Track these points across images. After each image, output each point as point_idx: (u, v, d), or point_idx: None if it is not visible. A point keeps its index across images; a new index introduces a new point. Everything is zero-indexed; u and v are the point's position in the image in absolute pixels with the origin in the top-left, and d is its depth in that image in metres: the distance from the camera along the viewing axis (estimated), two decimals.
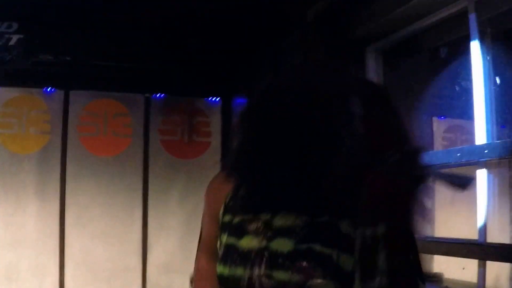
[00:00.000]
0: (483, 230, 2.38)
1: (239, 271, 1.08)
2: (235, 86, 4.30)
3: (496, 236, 2.48)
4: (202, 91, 4.33)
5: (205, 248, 1.24)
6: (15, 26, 4.16)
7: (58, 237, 4.20)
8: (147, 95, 4.36)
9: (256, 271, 1.06)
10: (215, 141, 4.48)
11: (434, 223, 2.78)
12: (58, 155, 4.22)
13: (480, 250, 2.34)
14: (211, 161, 4.34)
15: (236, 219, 1.14)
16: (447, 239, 2.55)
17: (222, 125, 4.50)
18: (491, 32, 2.38)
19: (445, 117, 3.11)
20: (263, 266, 1.05)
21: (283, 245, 1.06)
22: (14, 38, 4.14)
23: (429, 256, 2.72)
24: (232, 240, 1.12)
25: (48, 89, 4.27)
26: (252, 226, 1.10)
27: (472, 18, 2.35)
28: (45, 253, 4.21)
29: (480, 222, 2.40)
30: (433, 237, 2.69)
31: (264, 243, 1.08)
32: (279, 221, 1.07)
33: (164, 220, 4.36)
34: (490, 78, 2.35)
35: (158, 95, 4.32)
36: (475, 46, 2.36)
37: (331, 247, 1.02)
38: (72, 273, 4.22)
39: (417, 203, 1.01)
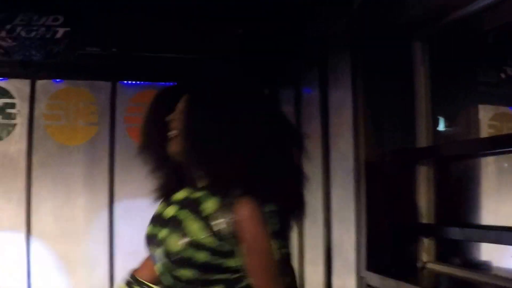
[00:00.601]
0: None
1: (148, 229, 1.71)
2: (283, 77, 4.62)
3: None
4: (251, 81, 4.61)
5: None
6: (61, 19, 4.54)
7: (108, 229, 4.61)
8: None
9: (153, 230, 1.64)
10: None
11: (482, 211, 2.98)
12: (106, 146, 4.62)
13: None
14: None
15: None
16: (495, 227, 2.74)
17: None
18: None
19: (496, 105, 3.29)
20: (155, 226, 1.66)
21: (170, 212, 1.60)
22: (61, 31, 4.53)
23: (477, 244, 2.93)
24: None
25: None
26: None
27: None
28: (95, 245, 4.63)
29: None
30: (481, 225, 2.89)
31: (162, 210, 1.67)
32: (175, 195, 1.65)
33: None
34: None
35: None
36: None
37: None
38: (122, 264, 4.56)
39: None
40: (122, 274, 4.43)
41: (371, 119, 3.36)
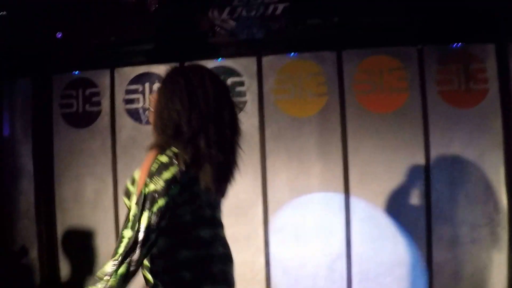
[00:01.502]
0: None
1: None
2: (509, 29, 5.21)
3: None
4: (475, 36, 5.33)
5: None
6: None
7: (343, 197, 5.64)
8: (419, 46, 5.49)
9: None
10: (493, 87, 5.39)
11: None
12: (337, 115, 5.64)
13: None
14: (491, 108, 5.40)
15: None
16: None
17: (498, 70, 5.38)
18: None
19: None
20: None
21: None
22: (280, 7, 5.61)
23: None
24: None
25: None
26: None
27: None
28: (330, 213, 5.67)
29: None
30: None
31: None
32: None
33: (447, 173, 5.43)
34: None
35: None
36: None
37: None
38: (358, 231, 5.62)
39: None
40: (358, 240, 5.53)
41: None
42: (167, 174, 2.42)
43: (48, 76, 6.50)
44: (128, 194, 2.61)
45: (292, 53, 5.85)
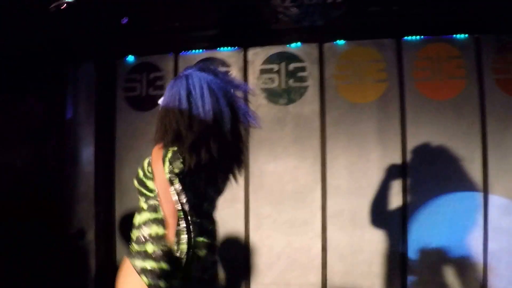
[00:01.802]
0: None
1: None
2: None
3: None
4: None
5: None
6: None
7: (401, 182, 6.02)
8: (476, 35, 5.87)
9: None
10: None
11: None
12: (396, 102, 6.07)
13: None
14: None
15: None
16: None
17: None
18: None
19: None
20: None
21: None
22: None
23: None
24: None
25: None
26: None
27: None
28: (388, 199, 6.05)
29: None
30: None
31: None
32: None
33: (503, 161, 5.76)
34: None
35: None
36: None
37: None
38: (415, 217, 5.97)
39: None
40: (415, 227, 5.96)
41: None
42: (180, 159, 2.81)
43: (113, 60, 7.00)
44: (143, 184, 3.02)
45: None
